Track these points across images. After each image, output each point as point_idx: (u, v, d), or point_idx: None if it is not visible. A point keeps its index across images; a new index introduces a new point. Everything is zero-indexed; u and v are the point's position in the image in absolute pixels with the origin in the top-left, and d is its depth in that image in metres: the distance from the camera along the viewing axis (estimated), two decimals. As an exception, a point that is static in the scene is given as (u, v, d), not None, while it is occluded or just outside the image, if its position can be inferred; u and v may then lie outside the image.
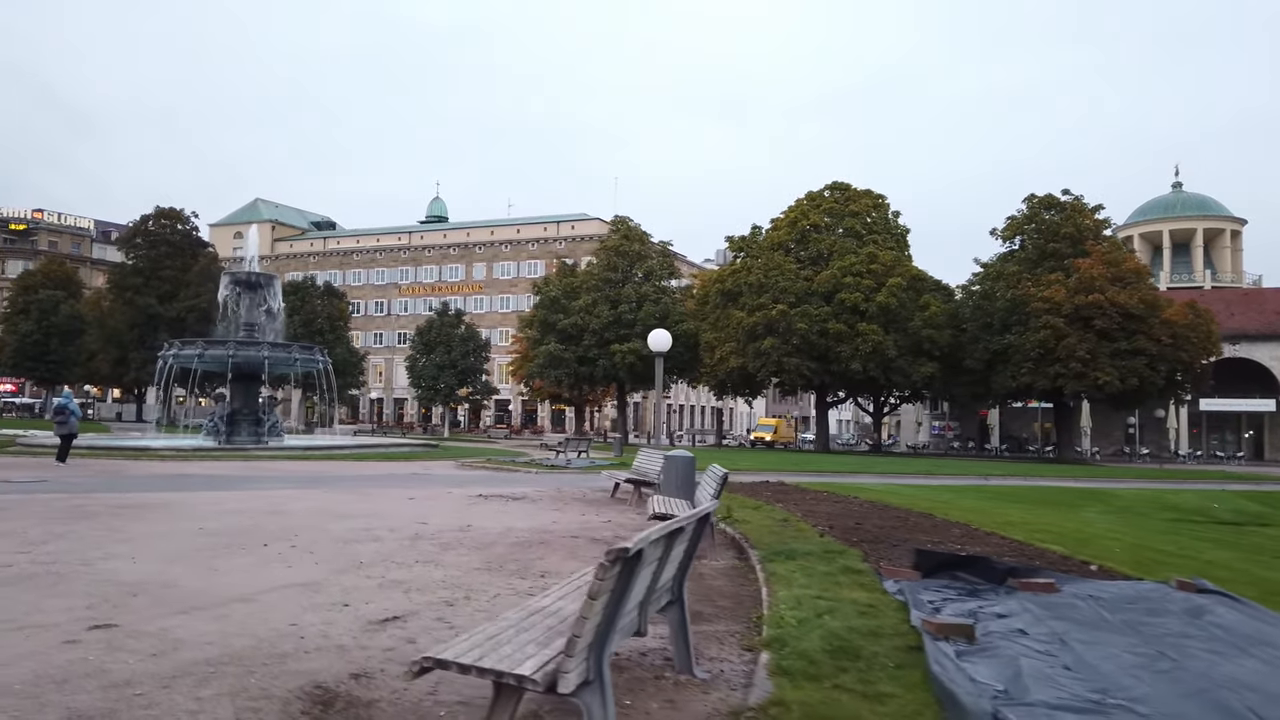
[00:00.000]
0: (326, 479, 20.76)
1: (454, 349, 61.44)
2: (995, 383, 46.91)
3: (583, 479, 22.32)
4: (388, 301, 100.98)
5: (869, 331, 46.64)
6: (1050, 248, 46.49)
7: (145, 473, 22.15)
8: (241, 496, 15.52)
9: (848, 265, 48.15)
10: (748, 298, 49.80)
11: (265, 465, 26.28)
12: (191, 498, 15.07)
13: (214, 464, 26.68)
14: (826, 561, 8.05)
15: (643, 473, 15.52)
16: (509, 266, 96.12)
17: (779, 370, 48.15)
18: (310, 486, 18.29)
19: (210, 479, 20.25)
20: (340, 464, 27.90)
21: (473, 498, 15.97)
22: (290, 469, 24.84)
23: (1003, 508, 15.41)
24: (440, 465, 28.61)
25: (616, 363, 52.84)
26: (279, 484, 18.87)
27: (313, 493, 16.58)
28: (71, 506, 13.09)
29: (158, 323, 67.25)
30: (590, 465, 26.16)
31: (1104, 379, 42.72)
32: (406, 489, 17.92)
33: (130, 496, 15.02)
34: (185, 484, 18.64)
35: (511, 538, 10.56)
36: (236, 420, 36.77)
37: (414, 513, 13.09)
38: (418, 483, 20.05)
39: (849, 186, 53.59)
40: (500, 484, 19.90)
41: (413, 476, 22.52)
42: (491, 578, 7.88)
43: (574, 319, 54.27)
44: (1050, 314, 43.58)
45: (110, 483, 18.35)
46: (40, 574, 7.53)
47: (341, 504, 14.44)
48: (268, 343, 37.37)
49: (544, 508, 14.40)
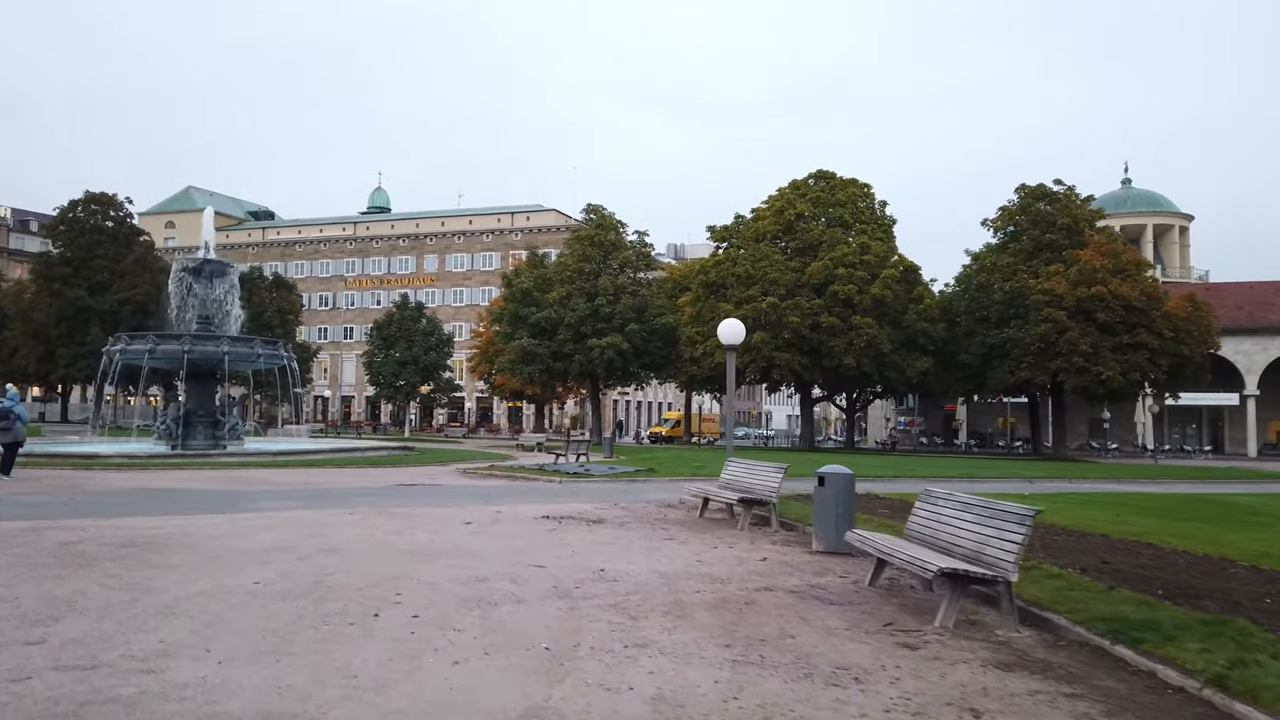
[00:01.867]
0: (331, 494, 17.81)
1: (415, 344, 57.94)
2: (992, 377, 45.42)
3: (627, 489, 19.65)
4: (333, 295, 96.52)
5: (863, 325, 44.75)
6: (1046, 239, 45.12)
7: (109, 487, 18.91)
8: (257, 522, 12.60)
9: (840, 256, 46.18)
10: (735, 290, 47.53)
11: (239, 475, 23.11)
12: (198, 525, 12.10)
13: (180, 474, 23.42)
14: (1241, 644, 5.63)
15: (747, 488, 12.96)
16: (462, 259, 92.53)
17: (770, 365, 45.94)
18: (325, 505, 15.35)
19: (193, 496, 17.15)
20: (324, 472, 24.81)
21: (540, 520, 13.27)
22: (273, 479, 21.74)
23: (1181, 525, 13.20)
24: (439, 472, 25.66)
25: (594, 358, 50.15)
26: (283, 502, 15.89)
27: (339, 515, 13.71)
28: (56, 545, 10.08)
29: (89, 316, 62.38)
30: (615, 473, 23.49)
31: (1107, 373, 41.46)
32: (443, 506, 15.10)
33: (122, 525, 12.00)
34: (170, 503, 15.57)
35: (687, 591, 7.95)
36: (192, 422, 33.33)
37: (504, 549, 10.37)
38: (444, 497, 17.21)
39: (834, 175, 51.68)
40: (542, 498, 17.16)
41: (429, 489, 19.64)
42: (774, 680, 5.29)
43: (547, 312, 51.38)
44: (1051, 306, 42.16)
45: (78, 503, 15.20)
46: (87, 701, 4.69)
47: (396, 533, 11.64)
48: (228, 336, 33.99)
49: (649, 536, 11.78)
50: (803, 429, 55.52)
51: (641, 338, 51.04)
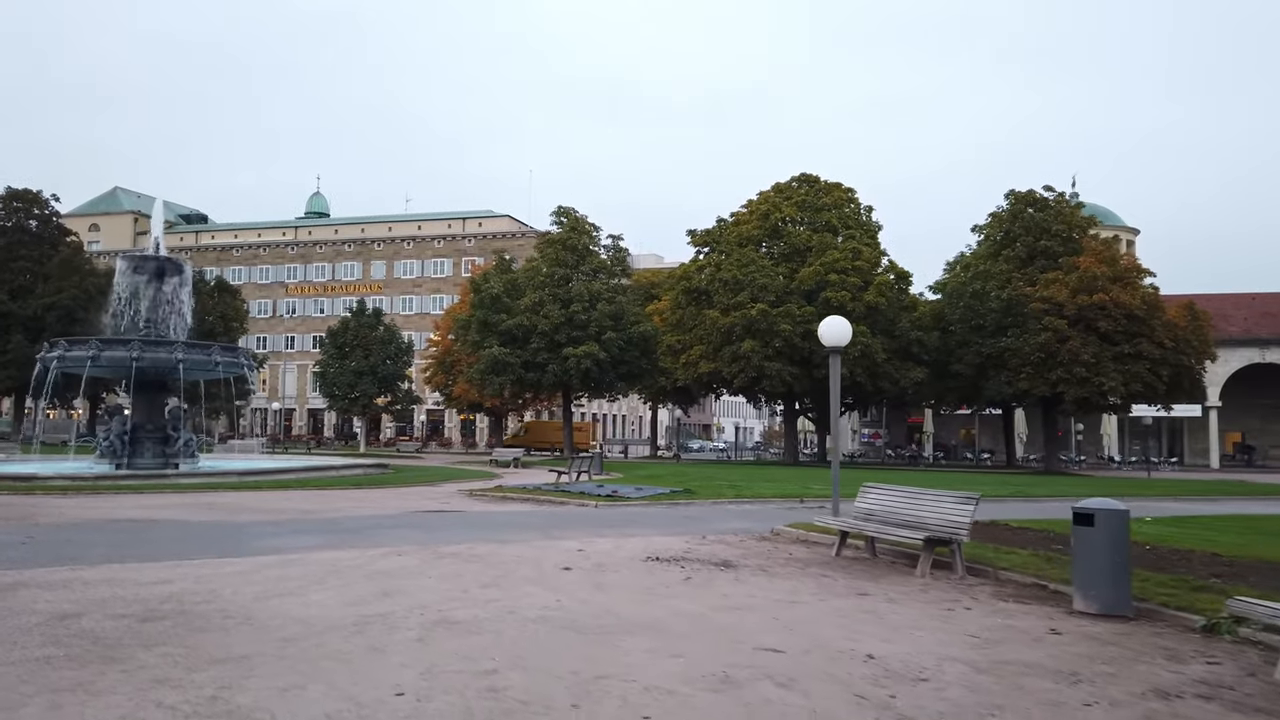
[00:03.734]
0: (345, 525, 14.84)
1: (373, 353, 54.28)
2: (988, 389, 43.75)
3: (685, 515, 16.95)
4: (273, 302, 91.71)
5: (857, 333, 42.65)
6: (1041, 245, 43.77)
7: (66, 517, 15.65)
8: (292, 571, 9.69)
9: (831, 261, 44.16)
10: (722, 295, 45.16)
11: (213, 501, 19.88)
12: (221, 578, 9.13)
13: (140, 500, 20.11)
14: None
15: (916, 522, 10.43)
16: (412, 265, 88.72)
17: (760, 375, 43.57)
18: (354, 541, 12.39)
19: (178, 530, 14.05)
20: (310, 496, 21.67)
21: (654, 564, 10.57)
22: (257, 505, 18.60)
23: None
24: (441, 494, 22.65)
25: (570, 367, 47.28)
26: (300, 538, 12.89)
27: (386, 557, 10.82)
28: (48, 618, 7.10)
29: (10, 323, 57.33)
30: (648, 494, 20.74)
31: (1109, 384, 40.12)
32: (507, 543, 12.24)
33: (117, 577, 8.99)
34: (155, 541, 12.49)
35: (1073, 704, 5.39)
36: (139, 438, 29.75)
37: (684, 619, 7.67)
38: (490, 529, 14.34)
39: (817, 179, 49.76)
40: (604, 528, 14.41)
41: (459, 518, 16.73)
42: None
43: (519, 319, 48.36)
44: (1052, 315, 40.71)
45: (39, 542, 12.03)
46: None
47: (496, 586, 8.87)
48: (182, 342, 30.40)
49: (828, 590, 9.17)
50: (786, 443, 53.37)
51: (619, 346, 48.39)
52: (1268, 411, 70.53)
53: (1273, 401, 69.14)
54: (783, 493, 22.39)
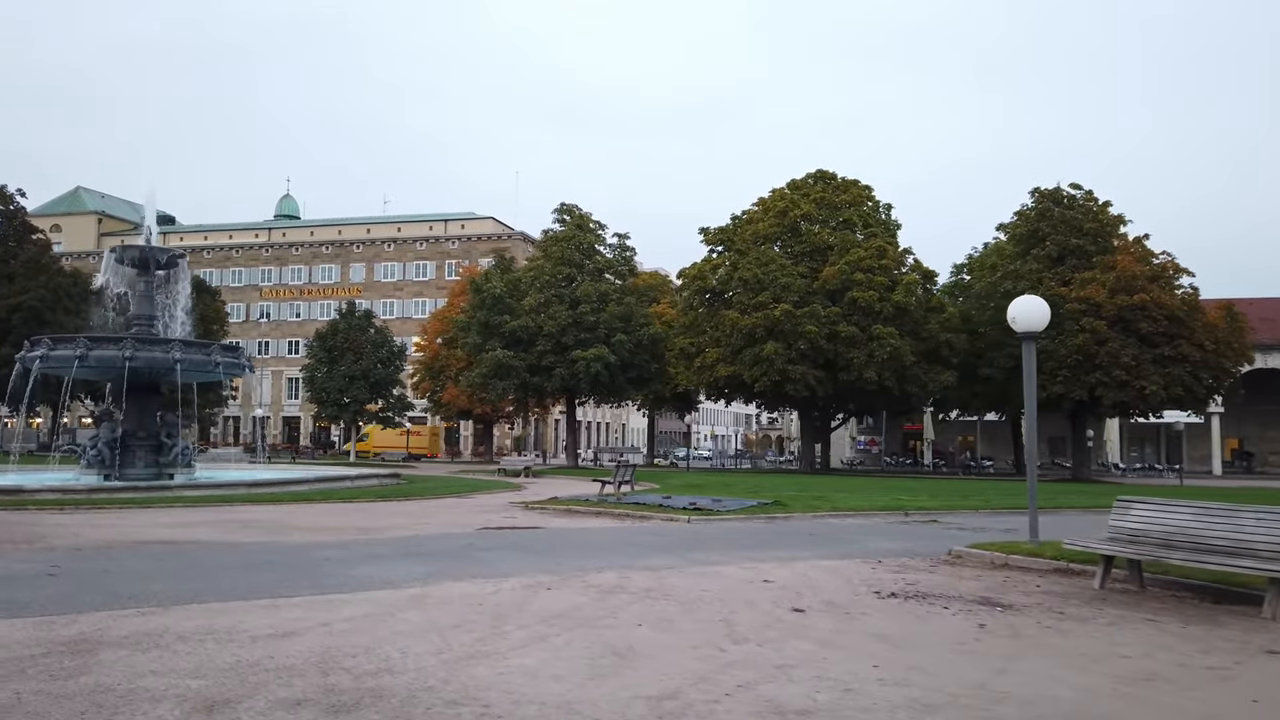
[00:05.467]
0: (426, 547, 12.38)
1: (365, 357, 51.36)
2: (1020, 393, 41.68)
3: (813, 531, 14.63)
4: (246, 305, 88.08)
5: (885, 335, 40.76)
6: (1072, 244, 42.13)
7: (84, 539, 13.01)
8: (443, 616, 7.24)
9: (856, 260, 42.15)
10: (741, 296, 42.95)
11: (239, 516, 17.29)
12: (352, 622, 6.66)
13: (153, 515, 17.48)
14: None
15: (1242, 546, 8.19)
16: (393, 268, 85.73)
17: (784, 379, 41.36)
18: (459, 568, 9.95)
19: (232, 554, 11.47)
20: (345, 511, 19.12)
21: (895, 602, 8.28)
22: (294, 521, 16.07)
23: None
24: (486, 506, 20.12)
25: (578, 371, 44.86)
26: (392, 564, 10.42)
27: (531, 591, 8.39)
28: (192, 709, 4.61)
29: (-31, 324, 53.69)
30: (743, 506, 18.37)
31: (1150, 388, 38.50)
32: (668, 572, 9.87)
33: (220, 627, 6.47)
34: (217, 571, 9.93)
35: None
36: (130, 446, 26.88)
37: (1101, 694, 5.39)
38: (614, 553, 11.92)
39: (834, 175, 47.80)
40: (736, 549, 12.07)
41: (554, 537, 14.28)
42: None
43: (523, 320, 45.87)
44: (1089, 316, 39.03)
45: (66, 571, 9.39)
46: None
47: (748, 641, 6.50)
48: (179, 341, 27.65)
49: (1155, 643, 6.95)
50: (803, 451, 51.19)
51: (629, 349, 46.09)
52: (1266, 417, 69.84)
53: (1271, 407, 68.35)
54: (872, 505, 20.20)
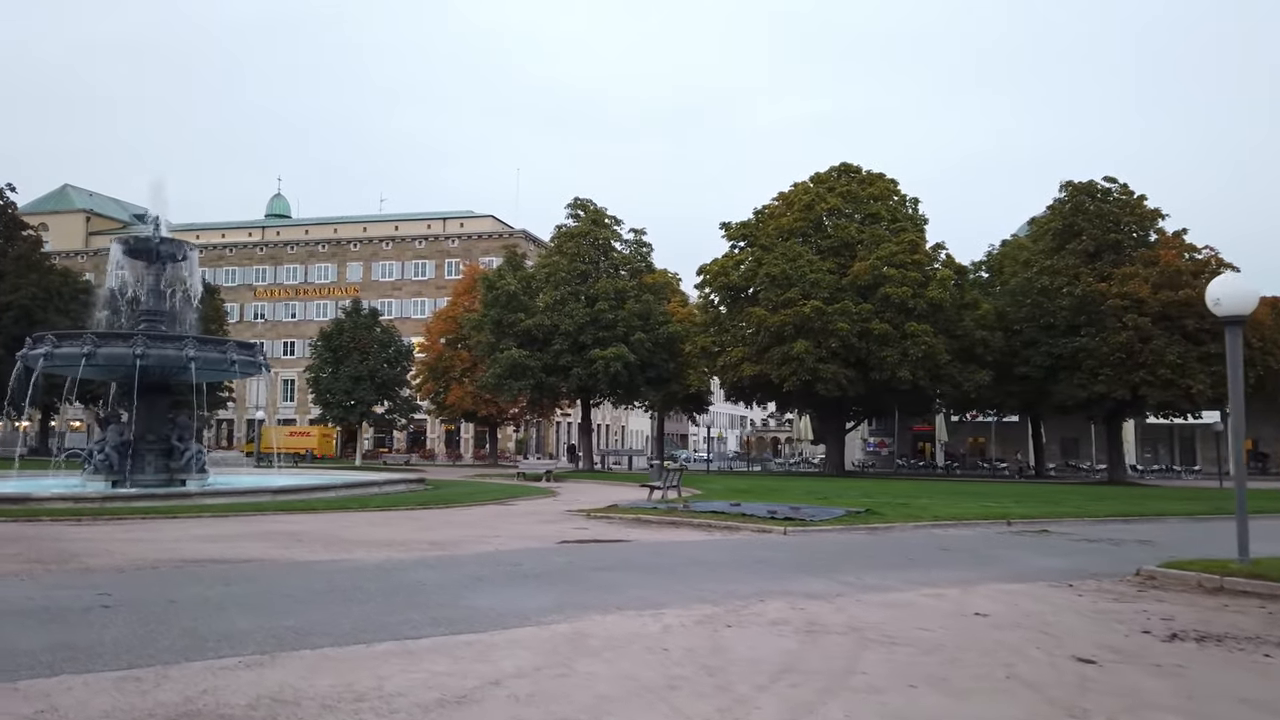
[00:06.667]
0: (533, 568, 10.71)
1: (372, 356, 49.49)
2: (1058, 392, 40.44)
3: (942, 544, 13.00)
4: (240, 305, 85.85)
5: (919, 332, 39.26)
6: (1110, 238, 40.78)
7: (124, 559, 11.26)
8: (665, 668, 5.57)
9: (888, 255, 40.65)
10: (769, 292, 41.35)
11: (283, 528, 15.56)
12: (553, 676, 4.99)
13: (184, 527, 15.76)
14: None
15: None
16: (391, 266, 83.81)
17: (814, 379, 39.80)
18: (616, 601, 8.28)
19: (304, 576, 9.75)
20: (389, 519, 17.45)
21: (1199, 649, 6.69)
22: (354, 535, 14.36)
23: None
24: (551, 515, 18.43)
25: (596, 371, 43.14)
26: (509, 589, 8.72)
27: (772, 633, 6.76)
28: None
29: (-44, 323, 51.54)
30: (834, 516, 16.75)
31: (1196, 387, 37.16)
32: (860, 603, 8.26)
33: (365, 688, 4.75)
34: (302, 600, 8.23)
35: None
36: (139, 450, 25.11)
37: None
38: (749, 572, 10.31)
39: (859, 169, 46.33)
40: (885, 570, 10.50)
41: (665, 556, 12.61)
42: None
43: (539, 318, 44.12)
44: (1132, 312, 37.68)
45: (132, 607, 7.57)
46: None
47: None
48: (193, 337, 25.85)
49: None
50: (829, 453, 49.59)
51: (648, 348, 44.41)
52: (1280, 418, 68.93)
53: (1286, 408, 67.36)
54: (967, 513, 18.61)
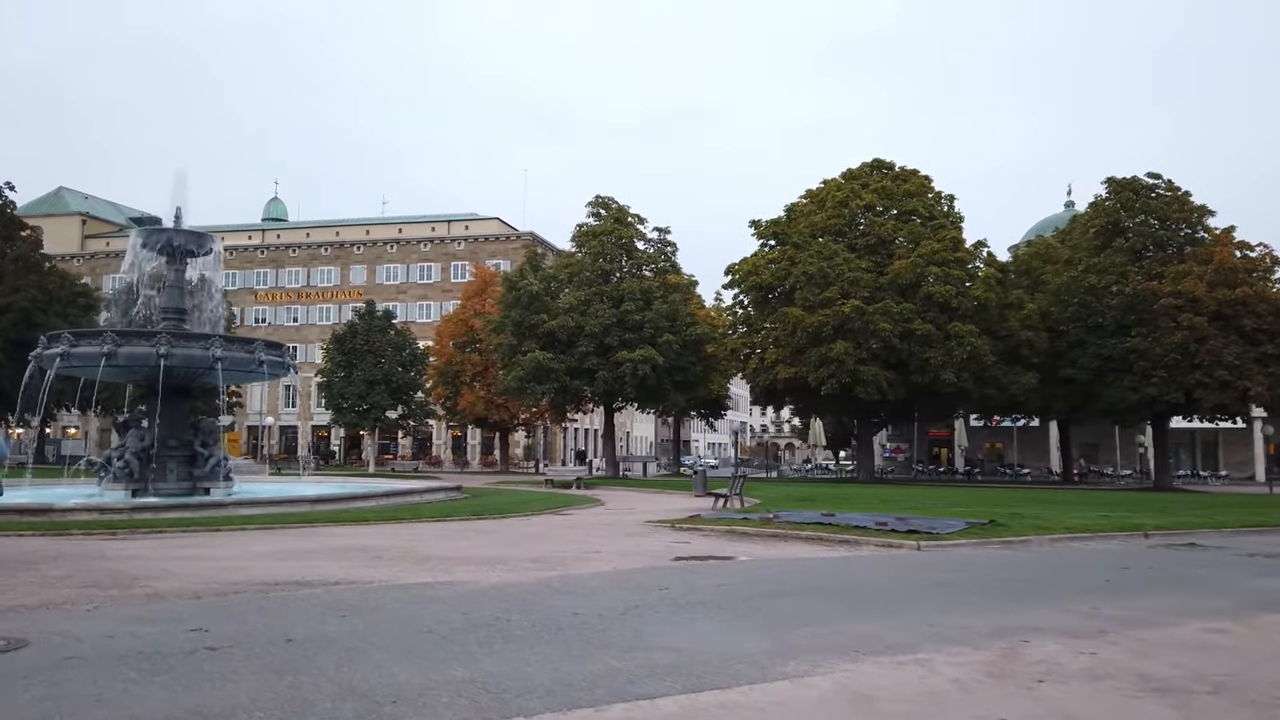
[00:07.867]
0: (703, 595, 9.03)
1: (386, 360, 47.73)
2: (1107, 395, 38.90)
3: (1110, 558, 11.38)
4: (241, 309, 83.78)
5: (964, 333, 37.73)
6: (1157, 236, 39.36)
7: (192, 581, 9.55)
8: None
9: (929, 253, 39.14)
10: (805, 292, 39.76)
11: (350, 542, 13.91)
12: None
13: (232, 541, 14.12)
14: None
15: None
16: (395, 270, 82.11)
17: (855, 381, 38.19)
18: (798, 642, 6.63)
19: (381, 601, 8.04)
20: (455, 531, 15.72)
21: None
22: (437, 552, 12.69)
23: None
24: (627, 528, 16.75)
25: (623, 373, 41.47)
26: (675, 628, 7.06)
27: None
28: None
29: (-47, 326, 49.67)
30: (956, 529, 15.10)
31: (1255, 389, 35.73)
32: (1152, 647, 6.63)
33: None
34: (448, 639, 6.51)
35: None
36: (162, 457, 23.37)
37: None
38: (920, 605, 8.69)
39: (892, 165, 44.86)
40: (1136, 595, 8.87)
41: (812, 577, 10.96)
42: None
43: (563, 319, 42.44)
44: (1186, 312, 36.24)
45: (242, 646, 5.81)
46: None
47: None
48: (220, 337, 24.19)
49: None
50: (860, 458, 48.03)
51: (675, 350, 42.77)
52: (1304, 421, 67.74)
53: (1310, 410, 66.21)
54: (1096, 524, 16.95)
